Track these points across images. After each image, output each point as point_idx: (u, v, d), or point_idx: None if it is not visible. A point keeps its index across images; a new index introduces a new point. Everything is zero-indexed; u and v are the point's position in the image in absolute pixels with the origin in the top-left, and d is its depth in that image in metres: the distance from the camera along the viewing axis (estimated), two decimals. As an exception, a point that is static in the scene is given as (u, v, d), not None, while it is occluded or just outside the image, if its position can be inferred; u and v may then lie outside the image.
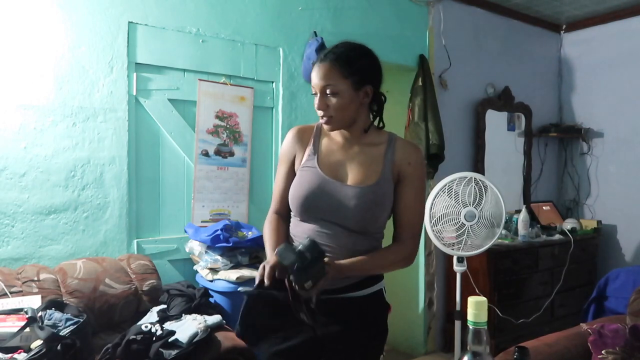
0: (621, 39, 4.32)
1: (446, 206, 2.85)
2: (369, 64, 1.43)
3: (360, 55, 1.43)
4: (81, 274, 2.17)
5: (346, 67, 1.38)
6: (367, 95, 1.43)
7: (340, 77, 1.38)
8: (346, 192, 1.41)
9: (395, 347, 3.83)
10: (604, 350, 1.93)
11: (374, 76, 1.44)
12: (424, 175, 1.50)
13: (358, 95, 1.41)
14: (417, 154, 1.50)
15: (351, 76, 1.38)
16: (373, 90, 1.44)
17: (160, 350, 1.90)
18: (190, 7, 2.71)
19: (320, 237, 1.41)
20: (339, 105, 1.40)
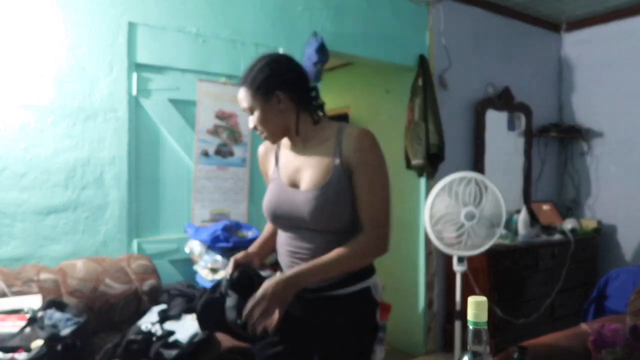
0: (621, 39, 4.32)
1: (446, 206, 2.85)
2: (270, 73, 1.44)
3: (261, 68, 1.45)
4: (81, 274, 2.18)
5: (252, 84, 1.44)
6: (280, 101, 1.44)
7: (250, 96, 1.45)
8: (300, 198, 1.44)
9: (395, 347, 3.83)
10: (604, 350, 1.92)
11: (279, 81, 1.44)
12: (376, 159, 1.42)
13: (271, 105, 1.44)
14: (364, 139, 1.43)
15: (257, 90, 1.43)
16: (288, 93, 1.44)
17: (160, 351, 1.90)
18: (190, 7, 2.71)
19: (295, 242, 1.46)
20: (260, 120, 1.46)
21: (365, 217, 1.40)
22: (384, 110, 4.02)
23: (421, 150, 3.46)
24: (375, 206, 1.40)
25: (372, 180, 1.40)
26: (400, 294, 3.77)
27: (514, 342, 3.31)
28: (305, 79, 1.50)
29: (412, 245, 3.81)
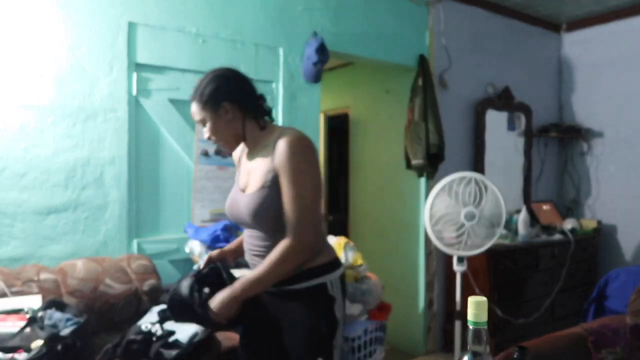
0: (621, 39, 4.32)
1: (446, 206, 2.85)
2: (216, 86, 1.55)
3: (207, 83, 1.56)
4: (81, 274, 2.18)
5: (200, 99, 1.55)
6: (228, 111, 1.55)
7: (200, 109, 1.56)
8: (243, 200, 1.57)
9: (395, 347, 3.83)
10: (604, 350, 1.92)
11: (225, 93, 1.55)
12: (300, 166, 1.48)
13: (220, 116, 1.55)
14: (292, 145, 1.49)
15: (206, 104, 1.55)
16: (233, 104, 1.55)
17: (160, 351, 1.90)
18: (190, 7, 2.71)
19: (252, 241, 1.60)
20: (212, 131, 1.58)
21: (288, 222, 1.48)
22: (384, 110, 4.02)
23: (421, 150, 3.46)
24: (295, 213, 1.47)
25: (294, 186, 1.47)
26: (400, 294, 3.77)
27: (514, 342, 3.31)
28: (250, 89, 1.61)
29: (412, 245, 3.81)
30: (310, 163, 1.50)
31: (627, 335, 1.96)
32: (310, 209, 1.48)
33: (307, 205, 1.47)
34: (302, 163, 1.48)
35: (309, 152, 1.51)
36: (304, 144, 1.50)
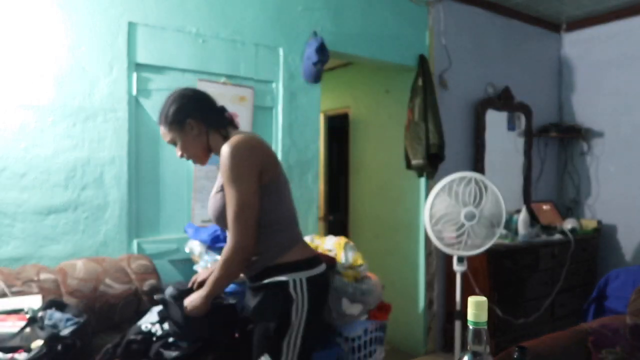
0: (621, 39, 4.32)
1: (446, 206, 2.85)
2: (178, 106, 1.67)
3: (170, 104, 1.69)
4: (81, 274, 2.17)
5: (166, 120, 1.69)
6: (193, 127, 1.68)
7: (168, 131, 1.70)
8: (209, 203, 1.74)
9: (395, 347, 3.83)
10: (604, 350, 1.92)
11: (187, 110, 1.67)
12: (227, 171, 1.56)
13: (187, 132, 1.69)
14: (224, 149, 1.59)
15: (171, 124, 1.68)
16: (196, 119, 1.68)
17: (160, 351, 1.90)
18: (190, 7, 2.71)
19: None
20: (183, 148, 1.71)
21: (228, 222, 1.59)
22: (384, 110, 4.02)
23: (421, 150, 3.46)
24: (229, 215, 1.57)
25: (228, 191, 1.58)
26: (400, 294, 3.77)
27: (514, 342, 3.31)
28: (210, 103, 1.74)
29: (412, 245, 3.81)
30: (241, 168, 1.56)
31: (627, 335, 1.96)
32: (240, 211, 1.55)
33: (237, 208, 1.55)
34: (234, 168, 1.55)
35: (242, 156, 1.56)
36: (238, 149, 1.56)
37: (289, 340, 1.59)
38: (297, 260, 1.64)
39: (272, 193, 1.64)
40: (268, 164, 1.63)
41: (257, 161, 1.59)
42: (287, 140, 3.07)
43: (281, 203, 1.68)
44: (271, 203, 1.63)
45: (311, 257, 1.70)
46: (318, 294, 1.66)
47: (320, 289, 1.69)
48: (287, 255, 1.64)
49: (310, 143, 3.18)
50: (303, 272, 1.63)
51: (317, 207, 3.23)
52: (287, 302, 1.59)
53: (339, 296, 2.56)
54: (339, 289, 2.56)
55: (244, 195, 1.55)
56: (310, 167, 3.18)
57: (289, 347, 1.59)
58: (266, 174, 1.62)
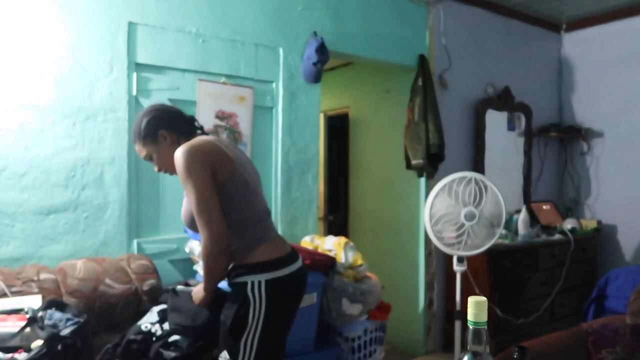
0: (621, 39, 4.32)
1: (446, 206, 2.85)
2: (148, 120, 1.74)
3: (140, 121, 1.76)
4: (81, 274, 2.18)
5: (139, 136, 1.76)
6: (166, 138, 1.74)
7: (142, 146, 1.77)
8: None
9: (395, 347, 3.83)
10: (604, 350, 1.93)
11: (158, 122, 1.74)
12: (180, 169, 1.60)
13: (161, 144, 1.75)
14: (176, 152, 1.63)
15: (144, 139, 1.75)
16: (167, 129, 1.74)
17: (160, 351, 1.90)
18: (190, 7, 2.71)
19: None
20: (159, 160, 1.77)
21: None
22: (384, 110, 4.02)
23: (421, 150, 3.46)
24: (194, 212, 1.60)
25: (186, 192, 1.62)
26: (400, 294, 3.77)
27: (514, 342, 3.31)
28: (178, 113, 1.80)
29: (412, 245, 3.81)
30: (193, 165, 1.59)
31: (627, 335, 1.96)
32: (202, 205, 1.58)
33: (198, 202, 1.58)
34: (186, 167, 1.59)
35: (193, 156, 1.60)
36: (188, 150, 1.60)
37: (245, 340, 1.62)
38: (260, 262, 1.65)
39: (228, 194, 1.65)
40: (220, 165, 1.64)
41: (207, 160, 1.62)
42: (287, 140, 3.07)
43: (241, 204, 1.68)
44: (229, 204, 1.65)
45: (278, 257, 1.69)
46: (280, 297, 1.66)
47: (284, 292, 1.68)
48: (250, 256, 1.66)
49: (310, 143, 3.18)
50: (264, 274, 1.64)
51: (317, 207, 3.23)
52: (246, 303, 1.62)
53: (339, 296, 2.56)
54: (339, 289, 2.56)
55: (200, 189, 1.58)
56: (310, 167, 3.18)
57: (246, 346, 1.62)
58: (219, 174, 1.64)
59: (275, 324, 1.67)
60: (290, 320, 1.76)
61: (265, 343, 1.64)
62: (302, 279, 1.78)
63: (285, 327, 1.74)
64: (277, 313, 1.66)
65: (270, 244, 1.72)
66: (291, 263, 1.72)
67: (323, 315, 2.61)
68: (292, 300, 1.75)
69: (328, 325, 2.70)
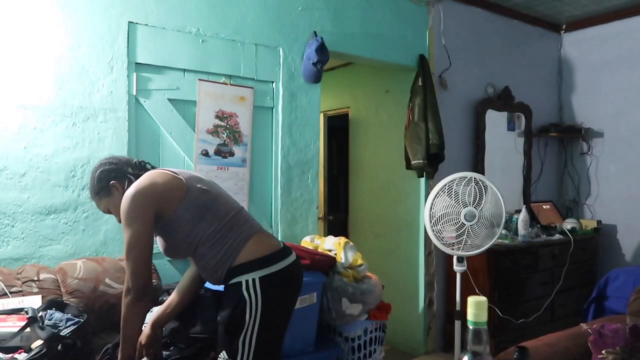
0: (621, 39, 4.32)
1: (446, 206, 2.85)
2: (99, 175, 1.77)
3: (91, 179, 1.79)
4: (81, 274, 2.18)
5: (94, 193, 1.79)
6: (118, 188, 1.76)
7: (99, 201, 1.80)
8: None
9: (395, 347, 3.83)
10: (604, 350, 1.92)
11: (105, 177, 1.76)
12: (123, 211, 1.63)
13: (114, 195, 1.76)
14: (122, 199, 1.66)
15: (99, 193, 1.78)
16: (117, 179, 1.76)
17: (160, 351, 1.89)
18: (190, 7, 2.71)
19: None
20: (116, 211, 1.74)
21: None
22: (384, 110, 4.02)
23: (421, 150, 3.46)
24: (125, 256, 1.63)
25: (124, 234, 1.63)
26: (400, 294, 3.77)
27: (514, 342, 3.31)
28: (125, 161, 1.82)
29: (412, 245, 3.81)
30: (131, 212, 1.61)
31: (627, 335, 1.96)
32: (129, 251, 1.61)
33: (127, 249, 1.62)
34: (125, 213, 1.62)
35: (133, 201, 1.62)
36: (130, 196, 1.62)
37: (244, 339, 1.63)
38: (250, 260, 1.66)
39: (189, 214, 1.67)
40: (167, 198, 1.66)
41: (148, 203, 1.63)
42: (287, 140, 3.07)
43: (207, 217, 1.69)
44: (195, 223, 1.67)
45: (267, 254, 1.69)
46: (276, 292, 1.67)
47: (279, 287, 1.69)
48: (239, 257, 1.67)
49: (310, 143, 3.18)
50: (257, 271, 1.64)
51: (317, 207, 3.23)
52: (242, 303, 1.62)
53: (339, 296, 2.56)
54: (339, 289, 2.56)
55: (133, 237, 1.60)
56: (310, 167, 3.18)
57: (244, 345, 1.63)
58: (171, 205, 1.66)
59: (273, 320, 1.67)
60: (287, 315, 1.76)
61: (264, 340, 1.64)
62: (296, 273, 1.78)
63: (283, 323, 1.74)
64: (274, 309, 1.66)
65: (256, 241, 1.72)
66: (283, 258, 1.72)
67: (323, 315, 2.61)
68: (288, 295, 1.75)
69: (328, 325, 2.70)
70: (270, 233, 1.85)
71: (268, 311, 1.64)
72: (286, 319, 1.75)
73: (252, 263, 1.66)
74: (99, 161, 1.84)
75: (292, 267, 1.74)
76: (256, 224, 1.80)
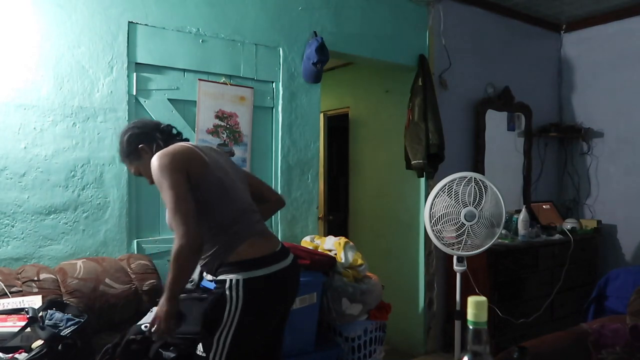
0: (621, 39, 4.32)
1: (446, 206, 2.85)
2: (127, 139, 1.81)
3: (120, 142, 1.84)
4: (81, 274, 2.18)
5: (123, 155, 1.85)
6: (147, 151, 1.79)
7: (129, 163, 1.85)
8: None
9: (395, 347, 3.83)
10: (604, 350, 1.92)
11: (135, 140, 1.80)
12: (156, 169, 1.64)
13: (144, 158, 1.79)
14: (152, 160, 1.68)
15: (129, 156, 1.83)
16: (146, 143, 1.79)
17: (159, 351, 1.90)
18: (190, 7, 2.71)
19: None
20: (146, 173, 1.79)
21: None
22: (384, 110, 4.02)
23: (421, 150, 3.46)
24: (169, 212, 1.63)
25: (161, 193, 1.64)
26: (400, 294, 3.77)
27: (514, 342, 3.31)
28: (155, 126, 1.85)
29: (412, 245, 3.81)
30: (166, 169, 1.62)
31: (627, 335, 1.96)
32: (176, 204, 1.60)
33: (171, 202, 1.60)
34: (160, 171, 1.63)
35: (166, 159, 1.64)
36: (161, 156, 1.65)
37: (219, 337, 1.63)
38: (240, 260, 1.66)
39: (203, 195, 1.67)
40: (192, 165, 1.67)
41: (179, 161, 1.65)
42: (287, 140, 3.07)
43: (216, 205, 1.69)
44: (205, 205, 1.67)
45: (260, 256, 1.68)
46: (260, 296, 1.66)
47: (264, 291, 1.67)
48: (233, 254, 1.67)
49: (310, 143, 3.18)
50: (243, 272, 1.64)
51: (317, 207, 3.23)
52: (222, 301, 1.63)
53: (339, 296, 2.56)
54: (339, 289, 2.56)
55: (174, 190, 1.60)
56: (310, 167, 3.18)
57: (219, 343, 1.63)
58: (192, 175, 1.66)
59: (251, 324, 1.65)
60: (270, 319, 1.73)
61: (240, 341, 1.63)
62: (288, 279, 1.75)
63: (266, 327, 1.72)
64: (254, 313, 1.64)
65: (254, 241, 1.71)
66: (276, 262, 1.70)
67: (323, 315, 2.61)
68: (273, 301, 1.71)
69: (328, 325, 2.70)
70: (272, 234, 1.84)
71: (247, 314, 1.62)
72: (269, 323, 1.73)
73: (241, 264, 1.65)
74: (127, 124, 1.89)
75: (284, 271, 1.72)
76: (259, 225, 1.80)
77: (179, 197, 1.60)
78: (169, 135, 1.85)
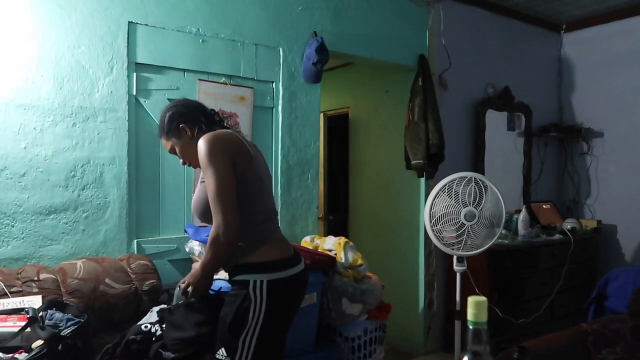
0: (621, 39, 4.32)
1: (446, 206, 2.85)
2: (170, 116, 1.79)
3: (162, 117, 1.81)
4: (81, 274, 2.17)
5: (163, 131, 1.81)
6: (187, 132, 1.78)
7: (166, 140, 1.83)
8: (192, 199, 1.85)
9: (395, 347, 3.83)
10: (604, 350, 1.92)
11: (178, 118, 1.78)
12: (204, 152, 1.62)
13: (183, 138, 1.79)
14: (200, 141, 1.66)
15: (167, 134, 1.81)
16: (188, 123, 1.77)
17: (160, 351, 1.89)
18: (190, 7, 2.71)
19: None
20: (182, 153, 1.82)
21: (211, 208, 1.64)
22: (384, 110, 4.02)
23: (421, 150, 3.46)
24: (210, 198, 1.61)
25: (205, 176, 1.64)
26: (400, 294, 3.77)
27: (514, 342, 3.31)
28: (198, 107, 1.84)
29: (412, 245, 3.81)
30: (215, 153, 1.62)
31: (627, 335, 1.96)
32: (219, 190, 1.60)
33: (215, 188, 1.60)
34: (208, 154, 1.62)
35: (216, 144, 1.63)
36: (211, 139, 1.64)
37: (244, 338, 1.63)
38: (263, 262, 1.67)
39: (243, 187, 1.67)
40: (240, 156, 1.67)
41: (229, 149, 1.65)
42: (287, 140, 3.07)
43: (253, 199, 1.70)
44: (243, 197, 1.66)
45: (281, 258, 1.70)
46: (281, 298, 1.67)
47: (285, 293, 1.69)
48: (254, 255, 1.68)
49: (310, 143, 3.18)
50: (266, 274, 1.65)
51: (317, 207, 3.23)
52: (246, 302, 1.63)
53: (339, 296, 2.56)
54: (339, 289, 2.56)
55: (220, 176, 1.60)
56: (310, 167, 3.18)
57: (244, 345, 1.63)
58: (239, 165, 1.66)
59: (274, 324, 1.67)
60: (289, 321, 1.77)
61: (264, 342, 1.65)
62: (303, 282, 1.79)
63: (284, 328, 1.75)
64: (276, 313, 1.67)
65: (275, 244, 1.74)
66: (294, 265, 1.74)
67: (323, 315, 2.61)
68: (292, 302, 1.75)
69: (328, 325, 2.70)
70: (287, 239, 1.86)
71: (271, 314, 1.64)
72: (288, 324, 1.76)
73: (264, 265, 1.66)
74: (171, 102, 1.87)
75: (300, 274, 1.76)
76: (279, 230, 1.83)
77: (223, 184, 1.60)
78: (212, 120, 1.83)
